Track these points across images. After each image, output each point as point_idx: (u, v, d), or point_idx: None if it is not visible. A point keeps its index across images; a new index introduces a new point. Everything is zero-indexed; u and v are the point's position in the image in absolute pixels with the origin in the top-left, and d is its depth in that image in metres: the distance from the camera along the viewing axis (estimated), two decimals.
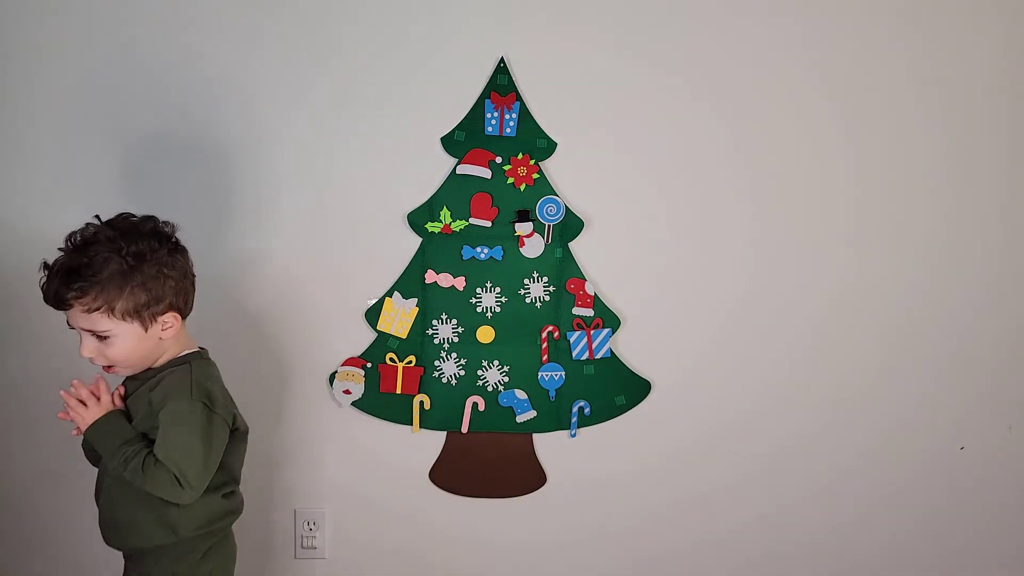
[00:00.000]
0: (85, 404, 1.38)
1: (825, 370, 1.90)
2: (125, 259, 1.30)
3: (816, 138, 1.81)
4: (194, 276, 1.43)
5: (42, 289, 1.32)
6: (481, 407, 1.85)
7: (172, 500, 1.34)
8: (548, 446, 1.89)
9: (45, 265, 1.33)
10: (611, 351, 1.85)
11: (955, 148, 1.84)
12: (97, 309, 1.29)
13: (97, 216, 1.38)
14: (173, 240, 1.39)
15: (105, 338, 1.32)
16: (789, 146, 1.82)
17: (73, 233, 1.35)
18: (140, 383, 1.42)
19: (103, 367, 1.38)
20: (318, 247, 1.79)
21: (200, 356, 1.45)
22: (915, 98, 1.81)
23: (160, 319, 1.36)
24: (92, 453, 1.45)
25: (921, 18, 1.79)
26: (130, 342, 1.34)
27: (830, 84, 1.80)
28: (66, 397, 1.38)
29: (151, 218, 1.39)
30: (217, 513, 1.45)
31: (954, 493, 1.97)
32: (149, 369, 1.41)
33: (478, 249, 1.80)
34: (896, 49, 1.80)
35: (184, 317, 1.42)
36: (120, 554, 1.50)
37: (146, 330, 1.35)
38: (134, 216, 1.39)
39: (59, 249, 1.34)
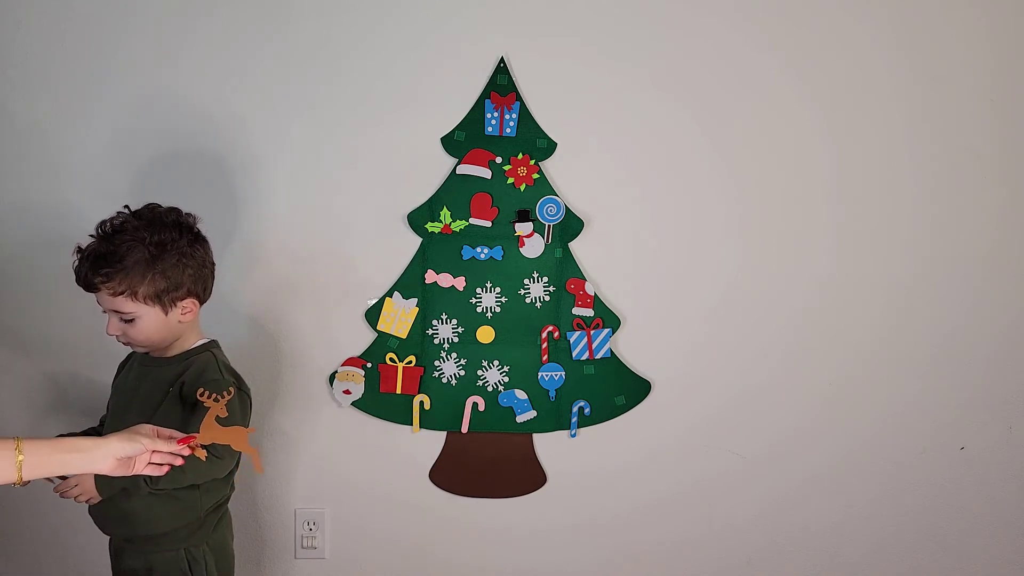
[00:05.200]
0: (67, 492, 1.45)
1: (825, 369, 1.90)
2: (148, 248, 1.40)
3: (810, 139, 1.81)
4: (213, 265, 1.52)
5: (75, 271, 1.42)
6: (481, 407, 1.85)
7: (213, 476, 1.46)
8: (548, 446, 1.89)
9: (79, 249, 1.43)
10: (611, 351, 1.85)
11: (946, 142, 1.83)
12: (121, 293, 1.39)
13: (127, 206, 1.46)
14: (194, 231, 1.48)
15: (130, 320, 1.42)
16: (787, 148, 1.82)
17: (104, 221, 1.43)
18: (155, 368, 1.49)
19: (124, 343, 1.47)
20: (318, 247, 1.79)
21: (216, 345, 1.55)
22: (898, 94, 1.81)
23: (179, 304, 1.45)
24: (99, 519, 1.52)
25: (903, 14, 1.79)
26: (151, 324, 1.43)
27: (820, 85, 1.80)
28: (63, 493, 1.45)
29: (174, 210, 1.48)
30: (227, 484, 1.56)
31: (954, 493, 1.97)
32: (166, 357, 1.49)
33: (478, 249, 1.80)
34: (879, 45, 1.80)
35: (202, 303, 1.51)
36: (102, 543, 1.54)
37: (166, 313, 1.44)
38: (160, 207, 1.47)
39: (90, 235, 1.43)
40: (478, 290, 1.82)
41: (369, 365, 1.82)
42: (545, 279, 1.82)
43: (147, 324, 1.43)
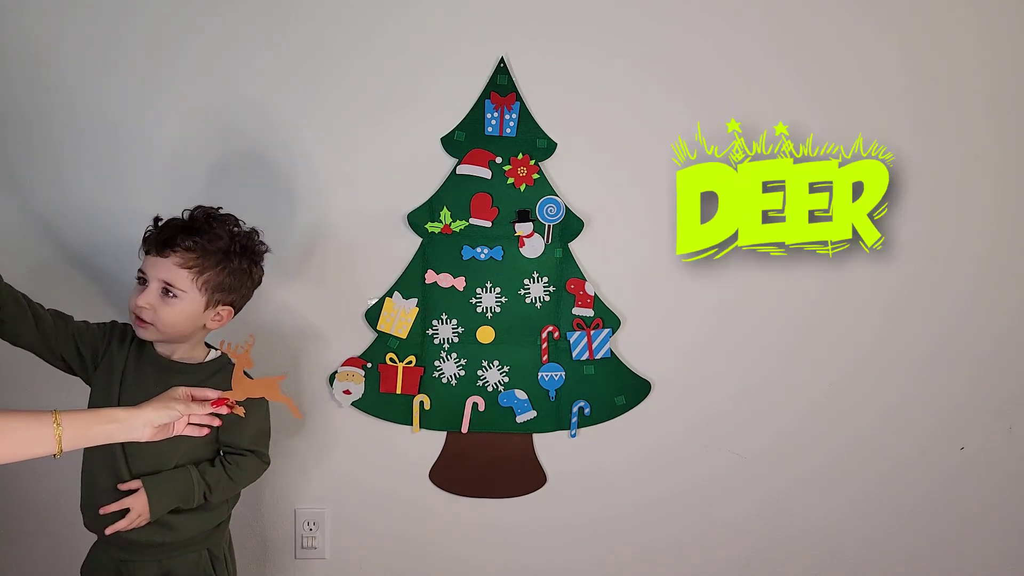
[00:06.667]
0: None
1: (824, 370, 1.91)
2: (235, 242, 1.47)
3: (808, 139, 1.82)
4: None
5: (150, 232, 1.45)
6: (481, 407, 1.85)
7: (258, 478, 1.57)
8: (548, 446, 1.89)
9: (158, 220, 1.47)
10: (611, 351, 1.85)
11: (946, 142, 1.84)
12: (189, 268, 1.42)
13: (220, 207, 1.51)
14: (262, 258, 1.56)
15: (173, 296, 1.43)
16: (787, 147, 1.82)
17: (201, 206, 1.48)
18: (180, 376, 1.47)
19: (138, 320, 1.45)
20: (318, 247, 1.79)
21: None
22: (898, 94, 1.81)
23: (219, 308, 1.48)
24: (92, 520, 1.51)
25: (903, 13, 1.80)
26: (187, 311, 1.44)
27: (820, 85, 1.80)
28: (122, 525, 1.44)
29: (256, 231, 1.55)
30: None
31: (954, 493, 1.97)
32: (188, 363, 1.51)
33: (478, 249, 1.80)
34: (879, 45, 1.80)
35: (231, 318, 1.53)
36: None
37: (204, 309, 1.46)
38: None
39: (185, 210, 1.48)
40: (478, 290, 1.82)
41: (369, 365, 1.82)
42: (545, 279, 1.82)
43: (184, 309, 1.43)
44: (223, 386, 1.40)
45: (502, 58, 1.75)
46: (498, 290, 1.82)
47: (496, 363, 1.84)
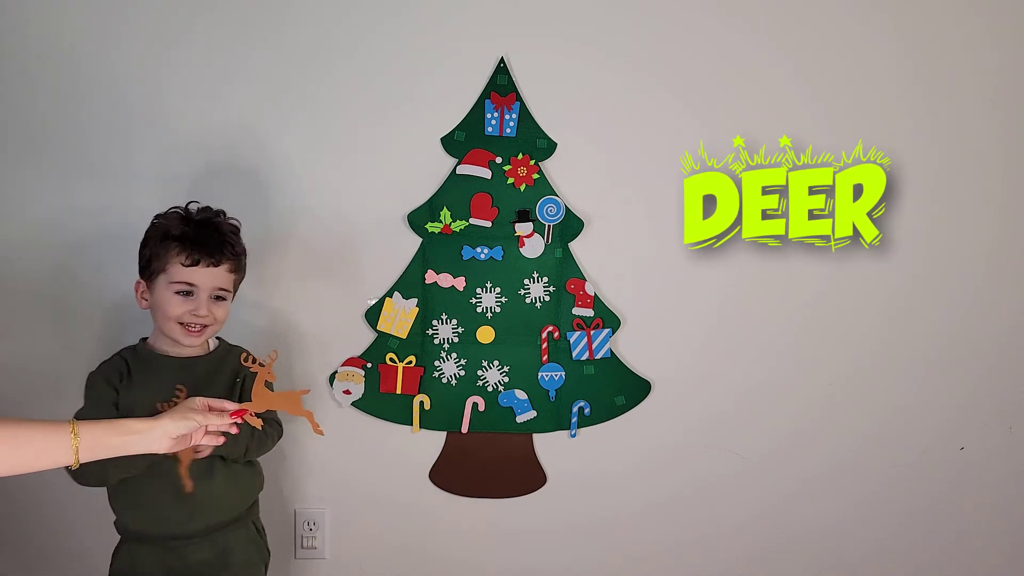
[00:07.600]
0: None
1: (824, 370, 1.91)
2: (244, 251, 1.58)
3: (811, 139, 1.81)
4: None
5: (201, 237, 1.48)
6: (481, 407, 1.85)
7: (276, 445, 1.64)
8: (548, 446, 1.89)
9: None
10: (611, 351, 1.85)
11: (946, 142, 1.84)
12: (233, 272, 1.54)
13: (208, 206, 1.55)
14: None
15: (221, 299, 1.53)
16: (787, 147, 1.82)
17: (207, 209, 1.53)
18: (192, 368, 1.53)
19: (194, 330, 1.50)
20: (318, 247, 1.79)
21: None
22: (898, 94, 1.82)
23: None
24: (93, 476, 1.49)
25: (904, 13, 1.80)
26: (228, 309, 1.55)
27: (820, 84, 1.81)
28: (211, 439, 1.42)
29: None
30: None
31: (954, 493, 1.97)
32: (197, 357, 1.55)
33: (478, 249, 1.80)
34: (879, 45, 1.80)
35: None
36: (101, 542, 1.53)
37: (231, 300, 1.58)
38: None
39: (202, 208, 1.52)
40: (478, 290, 1.82)
41: (369, 365, 1.82)
42: (545, 279, 1.82)
43: (228, 307, 1.54)
44: (230, 368, 1.48)
45: (502, 58, 1.75)
46: (498, 290, 1.82)
47: (496, 363, 1.84)
